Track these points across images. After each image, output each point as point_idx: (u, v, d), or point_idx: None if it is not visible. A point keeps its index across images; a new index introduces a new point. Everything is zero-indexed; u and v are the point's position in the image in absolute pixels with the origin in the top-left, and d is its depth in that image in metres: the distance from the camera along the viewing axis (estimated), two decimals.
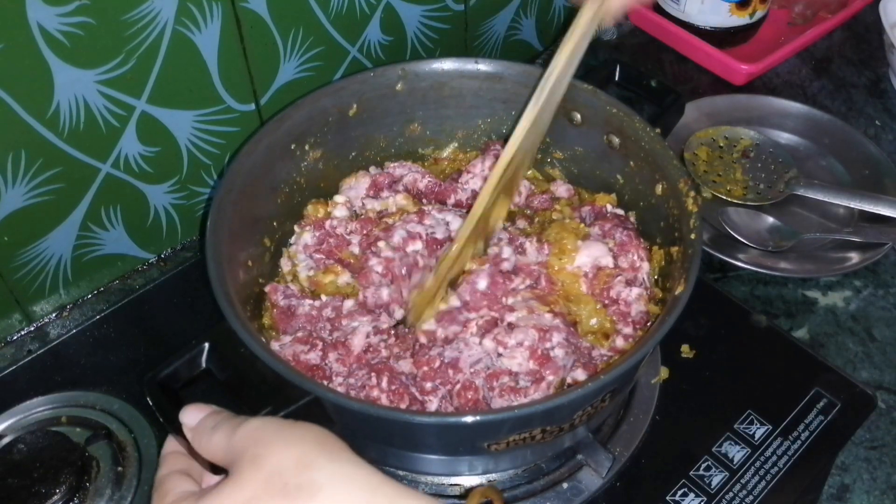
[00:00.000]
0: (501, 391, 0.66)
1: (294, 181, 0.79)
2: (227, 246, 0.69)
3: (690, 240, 0.69)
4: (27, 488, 0.67)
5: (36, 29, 0.68)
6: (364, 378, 0.67)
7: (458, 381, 0.67)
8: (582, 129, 0.81)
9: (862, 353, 0.85)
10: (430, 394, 0.67)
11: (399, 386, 0.67)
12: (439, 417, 0.64)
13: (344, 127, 0.81)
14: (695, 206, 0.70)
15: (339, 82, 0.80)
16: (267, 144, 0.75)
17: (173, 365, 0.64)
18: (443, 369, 0.67)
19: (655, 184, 0.75)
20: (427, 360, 0.67)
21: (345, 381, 0.68)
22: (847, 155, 1.02)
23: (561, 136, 0.83)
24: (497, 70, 0.82)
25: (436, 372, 0.67)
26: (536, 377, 0.67)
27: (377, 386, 0.67)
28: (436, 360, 0.67)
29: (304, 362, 0.69)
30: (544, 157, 0.86)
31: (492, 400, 0.66)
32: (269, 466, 0.49)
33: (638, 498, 0.73)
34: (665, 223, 0.74)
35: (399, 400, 0.66)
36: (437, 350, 0.68)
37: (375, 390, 0.66)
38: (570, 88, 0.78)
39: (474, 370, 0.67)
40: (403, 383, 0.67)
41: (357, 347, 0.69)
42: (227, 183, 0.71)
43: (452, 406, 0.67)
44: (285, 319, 0.73)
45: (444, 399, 0.67)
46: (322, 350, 0.69)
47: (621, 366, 0.61)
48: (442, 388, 0.67)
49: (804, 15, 1.22)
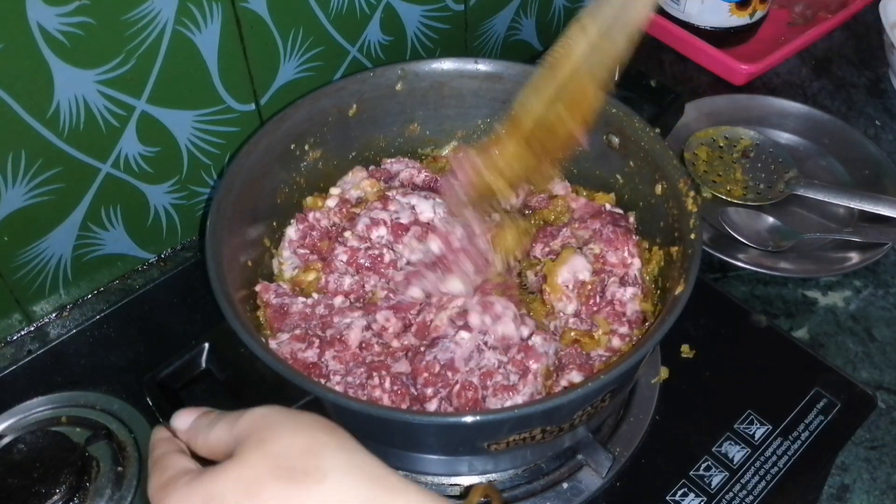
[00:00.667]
0: (495, 390, 0.67)
1: (294, 181, 0.79)
2: (227, 246, 0.69)
3: (690, 240, 0.69)
4: (27, 488, 0.67)
5: (36, 29, 0.68)
6: (362, 377, 0.67)
7: (456, 382, 0.67)
8: None
9: (862, 353, 0.85)
10: (432, 398, 0.67)
11: (400, 387, 0.67)
12: (439, 417, 0.64)
13: (344, 127, 0.81)
14: (694, 206, 0.70)
15: (339, 82, 0.80)
16: (266, 144, 0.75)
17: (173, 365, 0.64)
18: (441, 373, 0.67)
19: (655, 184, 0.75)
20: (425, 366, 0.68)
21: (343, 380, 0.68)
22: (847, 155, 1.02)
23: None
24: (497, 70, 0.82)
25: (436, 377, 0.67)
26: (522, 370, 0.67)
27: (379, 386, 0.67)
28: (434, 366, 0.67)
29: (302, 360, 0.69)
30: None
31: (486, 399, 0.67)
32: (276, 450, 0.49)
33: (638, 498, 0.73)
34: (665, 223, 0.74)
35: (400, 400, 0.66)
36: (430, 354, 0.68)
37: (378, 390, 0.67)
38: None
39: (469, 368, 0.68)
40: (404, 384, 0.67)
41: (354, 343, 0.70)
42: (227, 183, 0.71)
43: (452, 406, 0.67)
44: (279, 318, 0.73)
45: (444, 400, 0.67)
46: (319, 347, 0.69)
47: (621, 366, 0.61)
48: (442, 391, 0.67)
49: (804, 15, 1.22)
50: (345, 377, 0.68)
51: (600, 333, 0.73)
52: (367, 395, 0.66)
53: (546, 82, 0.69)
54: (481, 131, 0.86)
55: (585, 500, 0.72)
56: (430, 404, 0.66)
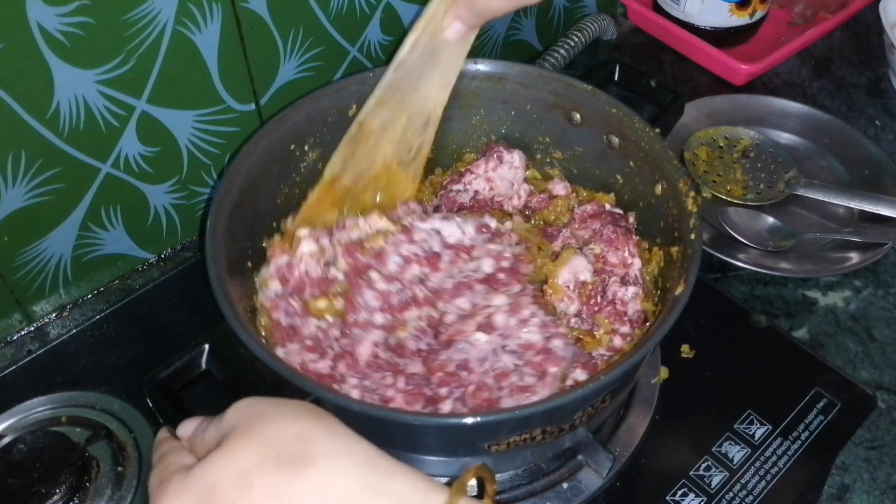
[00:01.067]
0: (511, 391, 0.66)
1: (294, 181, 0.79)
2: (227, 246, 0.69)
3: (690, 240, 0.69)
4: (27, 488, 0.67)
5: (36, 29, 0.68)
6: (379, 379, 0.66)
7: (471, 383, 0.66)
8: (581, 129, 0.81)
9: (862, 353, 0.85)
10: (446, 399, 0.66)
11: (415, 386, 0.66)
12: (439, 419, 0.64)
13: (343, 127, 0.81)
14: (694, 206, 0.70)
15: (339, 82, 0.80)
16: (266, 145, 0.75)
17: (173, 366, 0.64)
18: (456, 373, 0.66)
19: (655, 184, 0.75)
20: (439, 365, 0.67)
21: (360, 383, 0.66)
22: (847, 155, 1.02)
23: (560, 136, 0.83)
24: (496, 70, 0.82)
25: (450, 377, 0.66)
26: (540, 372, 0.67)
27: (393, 386, 0.66)
28: (449, 365, 0.66)
29: (314, 371, 0.67)
30: (544, 157, 0.86)
31: (500, 400, 0.66)
32: (265, 438, 0.48)
33: (638, 498, 0.73)
34: (665, 223, 0.74)
35: (414, 400, 0.65)
36: (445, 354, 0.68)
37: (391, 390, 0.66)
38: (570, 88, 0.79)
39: (484, 370, 0.67)
40: (419, 384, 0.66)
41: (363, 358, 0.68)
42: (227, 184, 0.71)
43: (466, 407, 0.66)
44: (288, 337, 0.69)
45: (458, 400, 0.66)
46: (332, 360, 0.68)
47: (621, 366, 0.61)
48: (456, 391, 0.66)
49: (804, 15, 1.22)
50: (362, 381, 0.66)
51: (602, 333, 0.72)
52: (380, 396, 0.65)
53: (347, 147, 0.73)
54: (481, 131, 0.86)
55: (585, 500, 0.72)
56: (444, 405, 0.65)
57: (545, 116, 0.83)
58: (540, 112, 0.83)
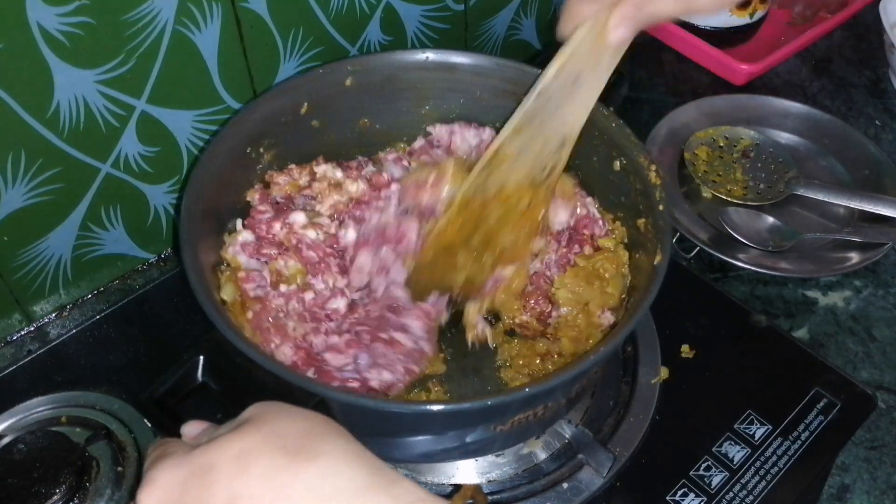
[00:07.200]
0: None
1: (252, 185, 0.78)
2: (204, 255, 0.69)
3: (659, 211, 0.71)
4: (27, 488, 0.67)
5: (36, 29, 0.68)
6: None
7: None
8: None
9: (862, 353, 0.85)
10: None
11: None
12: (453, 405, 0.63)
13: (297, 127, 0.79)
14: (657, 178, 0.72)
15: (292, 80, 0.79)
16: (225, 150, 0.74)
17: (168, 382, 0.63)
18: None
19: (613, 160, 0.77)
20: None
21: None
22: (847, 155, 1.02)
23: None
24: (447, 60, 0.81)
25: None
26: None
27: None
28: None
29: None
30: None
31: None
32: (273, 429, 0.49)
33: (638, 498, 0.73)
34: (626, 198, 0.76)
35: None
36: None
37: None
38: (523, 74, 0.78)
39: None
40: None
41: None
42: (193, 195, 0.70)
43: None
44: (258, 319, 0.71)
45: None
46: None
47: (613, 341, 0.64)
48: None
49: (804, 15, 1.22)
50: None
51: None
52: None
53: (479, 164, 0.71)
54: (431, 120, 0.85)
55: (585, 500, 0.72)
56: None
57: (497, 104, 0.81)
58: (491, 99, 0.82)
